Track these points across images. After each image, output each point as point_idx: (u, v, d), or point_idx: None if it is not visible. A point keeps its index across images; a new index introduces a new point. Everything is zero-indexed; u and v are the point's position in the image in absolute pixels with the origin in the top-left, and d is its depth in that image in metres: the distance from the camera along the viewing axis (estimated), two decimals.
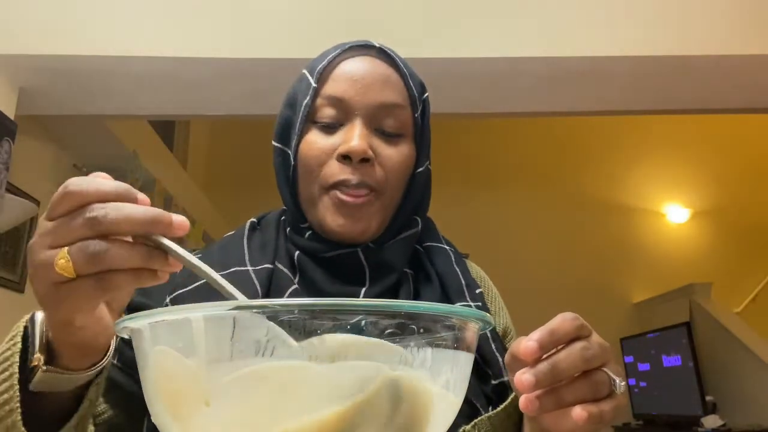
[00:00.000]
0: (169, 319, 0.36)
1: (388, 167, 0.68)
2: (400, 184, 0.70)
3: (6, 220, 2.30)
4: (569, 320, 0.46)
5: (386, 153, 0.68)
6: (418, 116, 0.72)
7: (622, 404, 0.46)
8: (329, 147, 0.67)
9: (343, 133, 0.68)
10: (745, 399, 3.77)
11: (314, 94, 0.69)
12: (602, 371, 0.46)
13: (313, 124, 0.69)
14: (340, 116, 0.68)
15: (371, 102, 0.68)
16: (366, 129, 0.67)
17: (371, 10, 2.37)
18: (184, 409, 0.35)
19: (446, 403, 0.39)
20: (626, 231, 5.08)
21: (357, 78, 0.69)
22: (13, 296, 2.75)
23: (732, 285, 4.69)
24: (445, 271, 0.72)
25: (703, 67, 2.39)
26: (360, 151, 0.65)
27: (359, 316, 0.34)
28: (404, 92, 0.71)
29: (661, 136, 5.03)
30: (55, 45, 2.26)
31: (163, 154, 4.02)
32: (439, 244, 0.76)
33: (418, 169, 0.72)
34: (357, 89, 0.68)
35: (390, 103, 0.69)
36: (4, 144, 2.24)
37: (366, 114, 0.68)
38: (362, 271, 0.68)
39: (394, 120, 0.69)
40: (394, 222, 0.71)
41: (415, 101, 0.71)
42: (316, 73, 0.70)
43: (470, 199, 5.07)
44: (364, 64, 0.70)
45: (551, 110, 2.75)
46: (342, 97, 0.68)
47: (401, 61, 0.73)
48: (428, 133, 0.75)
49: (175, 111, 2.77)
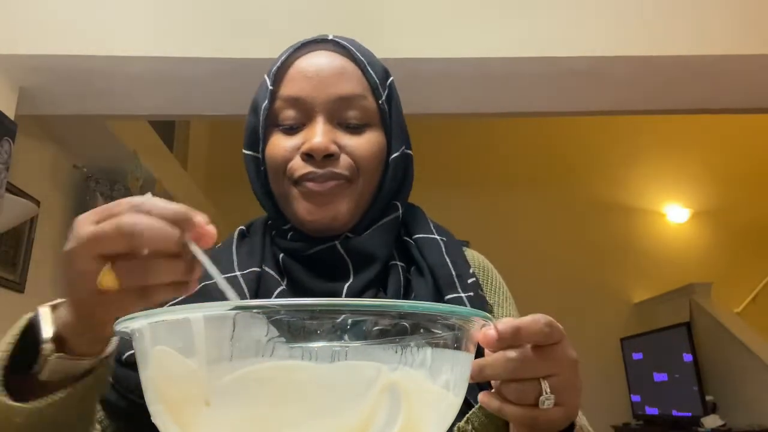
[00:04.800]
0: (169, 319, 0.36)
1: (356, 156, 0.67)
2: (372, 171, 0.69)
3: (6, 220, 2.30)
4: (540, 323, 0.45)
5: (352, 144, 0.68)
6: (383, 102, 0.71)
7: (544, 416, 0.46)
8: (293, 146, 0.68)
9: (305, 131, 0.68)
10: (745, 399, 3.77)
11: (272, 96, 0.69)
12: (536, 382, 0.45)
13: (276, 127, 0.69)
14: (300, 116, 0.68)
15: (329, 96, 0.67)
16: (328, 125, 0.67)
17: (371, 10, 2.37)
18: (184, 409, 0.35)
19: (446, 403, 0.39)
20: (626, 231, 5.08)
21: (311, 74, 0.68)
22: (13, 296, 2.75)
23: (732, 285, 4.69)
24: (435, 262, 0.71)
25: (704, 67, 2.38)
26: (322, 147, 0.65)
27: (359, 316, 0.35)
28: (363, 81, 0.70)
29: (661, 136, 5.02)
30: (55, 45, 2.26)
31: (163, 154, 4.02)
32: (429, 235, 0.74)
33: (392, 155, 0.71)
34: (313, 86, 0.68)
35: (348, 94, 0.68)
36: (4, 144, 2.24)
37: (326, 109, 0.67)
38: (345, 265, 0.68)
39: (356, 111, 0.68)
40: (370, 210, 0.70)
41: (376, 88, 0.70)
42: (271, 76, 0.70)
43: (469, 200, 5.06)
44: (318, 60, 0.69)
45: (551, 110, 2.74)
46: (299, 96, 0.68)
47: (357, 50, 0.71)
48: (399, 118, 0.74)
49: (175, 111, 2.77)
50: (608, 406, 4.57)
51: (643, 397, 4.42)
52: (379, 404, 0.34)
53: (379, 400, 0.34)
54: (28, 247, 2.84)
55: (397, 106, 0.74)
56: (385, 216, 0.72)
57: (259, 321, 0.34)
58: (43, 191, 2.96)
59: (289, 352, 0.34)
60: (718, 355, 4.03)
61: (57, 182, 3.14)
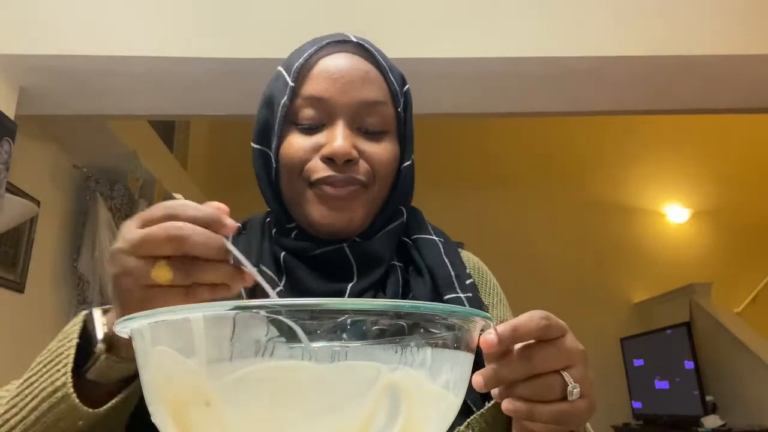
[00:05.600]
0: (169, 319, 0.36)
1: (374, 162, 0.67)
2: (387, 179, 0.69)
3: (6, 220, 2.30)
4: (536, 319, 0.44)
5: (371, 150, 0.67)
6: (401, 110, 0.71)
7: (574, 410, 0.45)
8: (312, 146, 0.66)
9: (325, 133, 0.66)
10: (745, 399, 3.77)
11: (292, 93, 0.67)
12: (557, 375, 0.45)
13: (294, 125, 0.68)
14: (321, 116, 0.67)
15: (352, 100, 0.66)
16: (348, 129, 0.66)
17: (371, 10, 2.37)
18: (184, 409, 0.35)
19: (446, 403, 0.39)
20: (626, 231, 5.08)
21: (336, 76, 0.67)
22: (13, 296, 2.75)
23: (732, 285, 4.69)
24: (434, 263, 0.70)
25: (703, 67, 2.38)
26: (344, 152, 0.64)
27: (360, 315, 0.35)
28: (385, 88, 0.69)
29: (661, 136, 5.03)
30: (55, 45, 2.26)
31: (163, 154, 4.03)
32: (428, 236, 0.74)
33: (404, 163, 0.71)
34: (337, 88, 0.66)
35: (372, 100, 0.67)
36: (4, 144, 2.24)
37: (348, 113, 0.66)
38: (349, 267, 0.68)
39: (377, 117, 0.68)
40: (380, 215, 0.70)
41: (396, 95, 0.70)
42: (293, 72, 0.68)
43: (469, 200, 5.07)
44: (343, 61, 0.68)
45: (551, 110, 2.75)
46: (322, 97, 0.66)
47: (380, 56, 0.70)
48: (411, 127, 0.74)
49: (175, 111, 2.77)
50: (608, 406, 4.57)
51: (645, 404, 4.42)
52: (379, 404, 0.34)
53: (379, 400, 0.34)
54: (28, 247, 2.84)
55: (411, 114, 0.74)
56: (392, 221, 0.72)
57: (259, 321, 0.34)
58: (43, 191, 2.96)
59: (289, 352, 0.34)
60: (718, 355, 4.03)
61: (57, 182, 3.14)
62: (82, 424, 0.52)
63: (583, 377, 0.46)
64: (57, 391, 0.52)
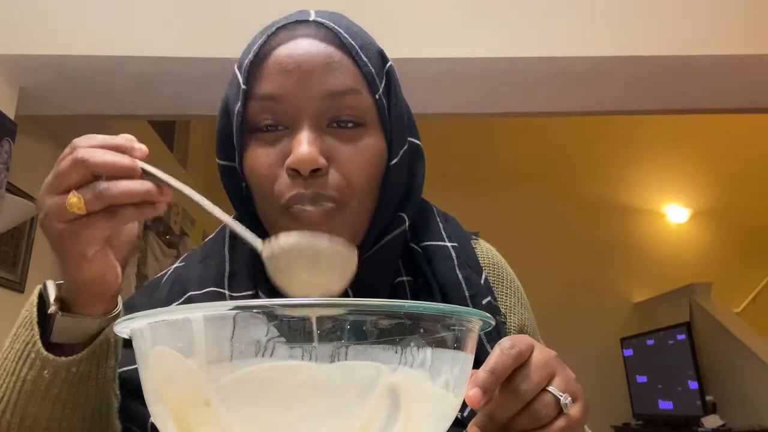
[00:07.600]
0: (169, 319, 0.36)
1: (347, 171, 0.56)
2: (367, 186, 0.58)
3: (6, 220, 2.30)
4: (506, 351, 0.43)
5: (343, 154, 0.57)
6: (381, 95, 0.59)
7: (573, 420, 0.44)
8: (276, 159, 0.57)
9: (288, 139, 0.57)
10: (745, 399, 3.77)
11: (245, 97, 0.58)
12: (545, 393, 0.44)
13: (252, 133, 0.58)
14: (280, 119, 0.57)
15: (315, 94, 0.56)
16: (314, 130, 0.56)
17: (371, 10, 2.37)
18: (184, 409, 0.35)
19: (446, 403, 0.39)
20: (626, 231, 5.08)
21: (292, 68, 0.56)
22: (13, 296, 2.75)
23: (732, 285, 4.69)
24: (446, 280, 0.63)
25: (703, 67, 2.38)
26: (308, 160, 0.54)
27: (360, 316, 0.34)
28: (355, 72, 0.58)
29: (661, 136, 5.02)
30: (55, 45, 2.26)
31: (163, 154, 4.02)
32: (440, 242, 0.66)
33: (393, 160, 0.60)
34: (294, 82, 0.56)
35: (339, 90, 0.57)
36: (4, 144, 2.24)
37: (311, 111, 0.56)
38: (345, 294, 0.61)
39: (348, 109, 0.57)
40: (371, 230, 0.61)
41: (372, 79, 0.59)
42: (243, 71, 0.59)
43: (469, 200, 5.06)
44: (299, 48, 0.57)
45: (551, 110, 2.75)
46: (278, 96, 0.57)
47: (347, 33, 0.59)
48: (401, 110, 0.62)
49: (175, 111, 2.77)
50: (608, 406, 4.57)
51: (645, 404, 4.41)
52: (379, 404, 0.34)
53: (379, 401, 0.34)
54: (28, 247, 2.84)
55: (398, 95, 0.62)
56: (388, 232, 0.62)
57: (259, 321, 0.34)
58: None
59: (289, 352, 0.34)
60: (718, 355, 4.03)
61: None
62: (47, 373, 0.52)
63: (567, 382, 0.45)
64: (27, 344, 0.53)
